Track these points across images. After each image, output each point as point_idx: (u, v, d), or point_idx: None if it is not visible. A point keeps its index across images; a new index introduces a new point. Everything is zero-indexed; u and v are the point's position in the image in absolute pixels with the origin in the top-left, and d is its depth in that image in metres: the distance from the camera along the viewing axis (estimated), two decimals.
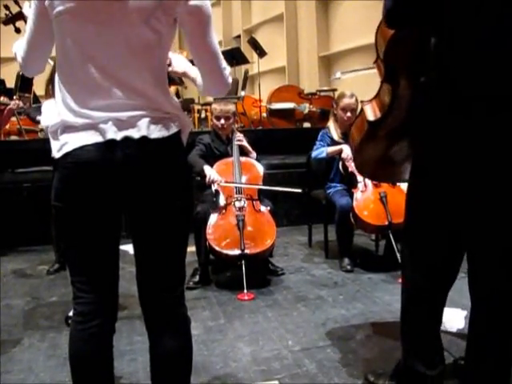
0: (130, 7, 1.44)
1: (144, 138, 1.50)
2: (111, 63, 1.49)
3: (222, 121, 3.96)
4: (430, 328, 1.98)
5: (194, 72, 1.74)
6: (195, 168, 3.73)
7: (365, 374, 2.28)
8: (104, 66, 1.48)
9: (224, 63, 1.62)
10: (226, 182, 3.74)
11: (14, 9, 2.55)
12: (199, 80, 1.71)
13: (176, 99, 1.69)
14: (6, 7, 4.74)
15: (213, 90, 1.73)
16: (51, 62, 2.00)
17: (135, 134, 1.49)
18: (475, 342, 1.94)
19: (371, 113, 2.08)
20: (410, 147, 2.05)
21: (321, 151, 4.12)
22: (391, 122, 2.03)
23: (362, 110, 2.16)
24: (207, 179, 3.68)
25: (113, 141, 1.48)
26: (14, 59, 1.69)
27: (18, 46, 1.67)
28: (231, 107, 4.10)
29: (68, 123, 1.51)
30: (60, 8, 1.46)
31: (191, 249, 3.65)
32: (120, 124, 1.49)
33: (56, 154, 1.54)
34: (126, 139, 1.49)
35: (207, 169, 3.73)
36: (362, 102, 2.22)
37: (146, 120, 1.51)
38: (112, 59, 1.48)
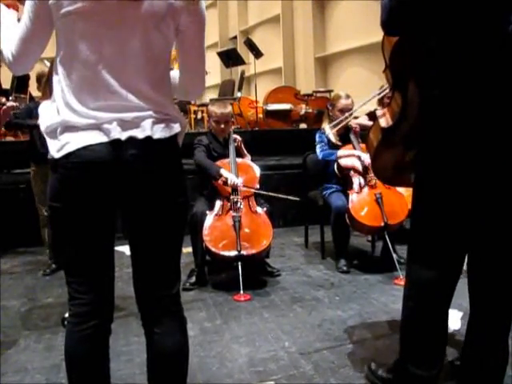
0: (143, 11, 1.46)
1: (148, 138, 1.51)
2: (120, 65, 1.49)
3: (223, 125, 3.94)
4: (435, 332, 1.97)
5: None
6: (210, 171, 3.73)
7: (368, 363, 2.30)
8: (113, 68, 1.49)
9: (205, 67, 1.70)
10: (244, 186, 3.75)
11: None
12: (174, 83, 1.73)
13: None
14: None
15: (192, 91, 1.80)
16: (47, 64, 1.99)
17: (140, 134, 1.51)
18: (472, 343, 1.95)
19: (384, 120, 2.13)
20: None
21: (330, 153, 4.05)
22: (404, 128, 2.05)
23: (376, 117, 2.20)
24: (229, 182, 3.67)
25: (118, 140, 1.49)
26: None
27: (5, 42, 1.59)
28: (230, 109, 4.09)
29: (69, 123, 1.50)
30: (69, 8, 1.45)
31: (188, 250, 3.67)
32: (124, 124, 1.50)
33: (55, 154, 1.51)
34: (131, 139, 1.50)
35: (225, 172, 3.73)
36: (376, 109, 2.23)
37: (149, 121, 1.52)
38: (121, 62, 1.49)
